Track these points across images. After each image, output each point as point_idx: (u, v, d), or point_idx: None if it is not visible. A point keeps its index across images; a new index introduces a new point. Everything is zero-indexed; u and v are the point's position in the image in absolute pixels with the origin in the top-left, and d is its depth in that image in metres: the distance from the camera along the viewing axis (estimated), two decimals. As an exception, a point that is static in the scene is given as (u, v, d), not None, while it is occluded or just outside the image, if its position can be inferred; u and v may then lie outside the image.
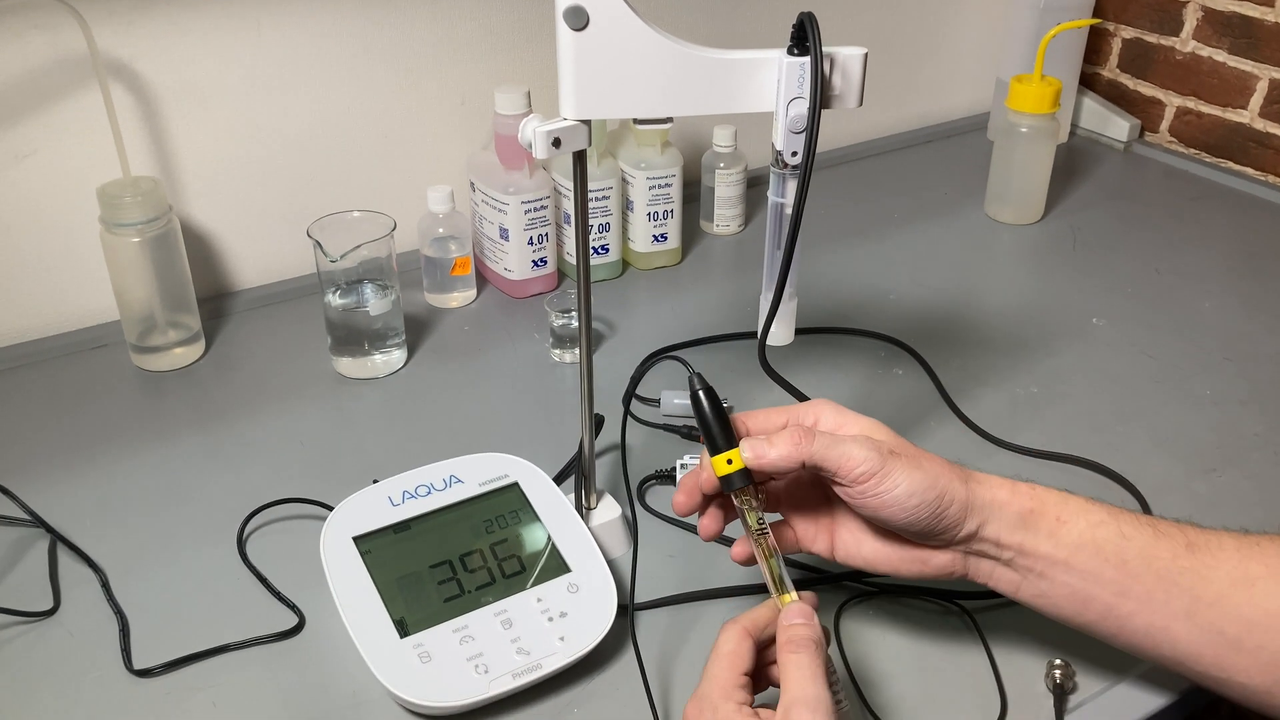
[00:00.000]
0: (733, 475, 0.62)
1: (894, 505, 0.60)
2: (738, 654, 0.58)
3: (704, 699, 0.57)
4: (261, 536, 0.81)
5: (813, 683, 0.55)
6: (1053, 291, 1.14)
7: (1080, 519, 0.62)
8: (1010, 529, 0.61)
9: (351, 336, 0.98)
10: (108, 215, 0.93)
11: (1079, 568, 0.61)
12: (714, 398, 0.63)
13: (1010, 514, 0.62)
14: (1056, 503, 0.62)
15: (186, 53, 1.02)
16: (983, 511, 0.61)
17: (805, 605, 0.60)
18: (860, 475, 0.60)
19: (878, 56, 1.16)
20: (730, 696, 0.56)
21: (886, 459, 0.60)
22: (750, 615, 0.60)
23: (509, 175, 1.07)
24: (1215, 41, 1.39)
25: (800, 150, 0.66)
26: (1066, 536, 0.61)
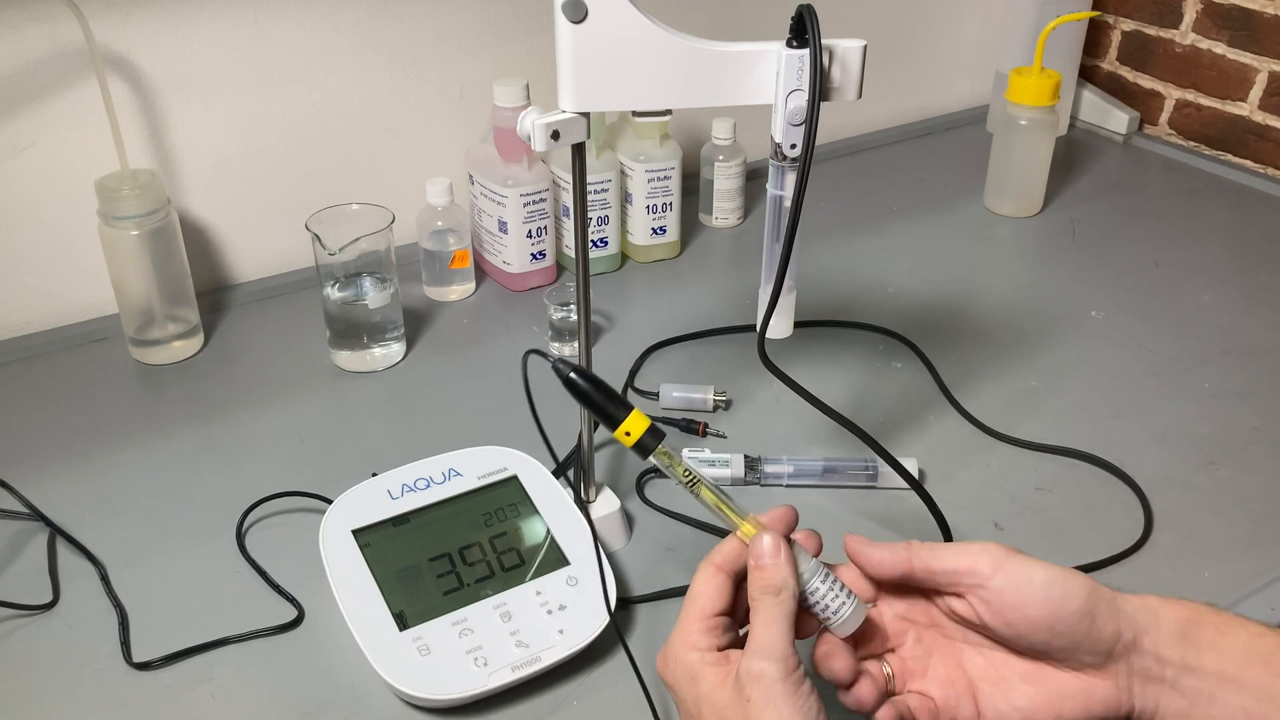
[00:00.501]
0: (644, 439, 0.59)
1: (1033, 602, 0.52)
2: (705, 595, 0.55)
3: (669, 650, 0.55)
4: (261, 530, 0.81)
5: (768, 628, 0.53)
6: (1051, 284, 1.14)
7: (1239, 630, 0.54)
8: (1171, 641, 0.53)
9: (350, 329, 0.98)
10: (106, 208, 0.93)
11: (1252, 686, 0.52)
12: (590, 376, 0.59)
13: (1168, 621, 0.53)
14: (1210, 611, 0.54)
15: (184, 45, 1.02)
16: (1137, 619, 0.53)
17: (774, 538, 0.56)
18: (983, 568, 0.53)
19: (877, 49, 1.16)
20: (695, 646, 0.54)
21: (1011, 553, 0.54)
22: (721, 549, 0.57)
23: (508, 168, 1.07)
24: (1215, 34, 1.39)
25: (799, 143, 0.66)
26: (1231, 649, 0.53)
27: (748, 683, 0.51)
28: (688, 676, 0.54)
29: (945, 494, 0.83)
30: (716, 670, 0.53)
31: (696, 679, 0.53)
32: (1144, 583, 0.77)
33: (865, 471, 0.85)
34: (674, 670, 0.55)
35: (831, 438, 0.89)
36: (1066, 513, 0.84)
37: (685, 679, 0.54)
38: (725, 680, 0.53)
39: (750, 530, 0.57)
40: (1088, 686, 0.54)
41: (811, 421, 0.90)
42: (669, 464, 0.60)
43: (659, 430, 0.60)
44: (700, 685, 0.53)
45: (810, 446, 0.89)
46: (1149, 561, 0.79)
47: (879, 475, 0.85)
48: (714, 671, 0.53)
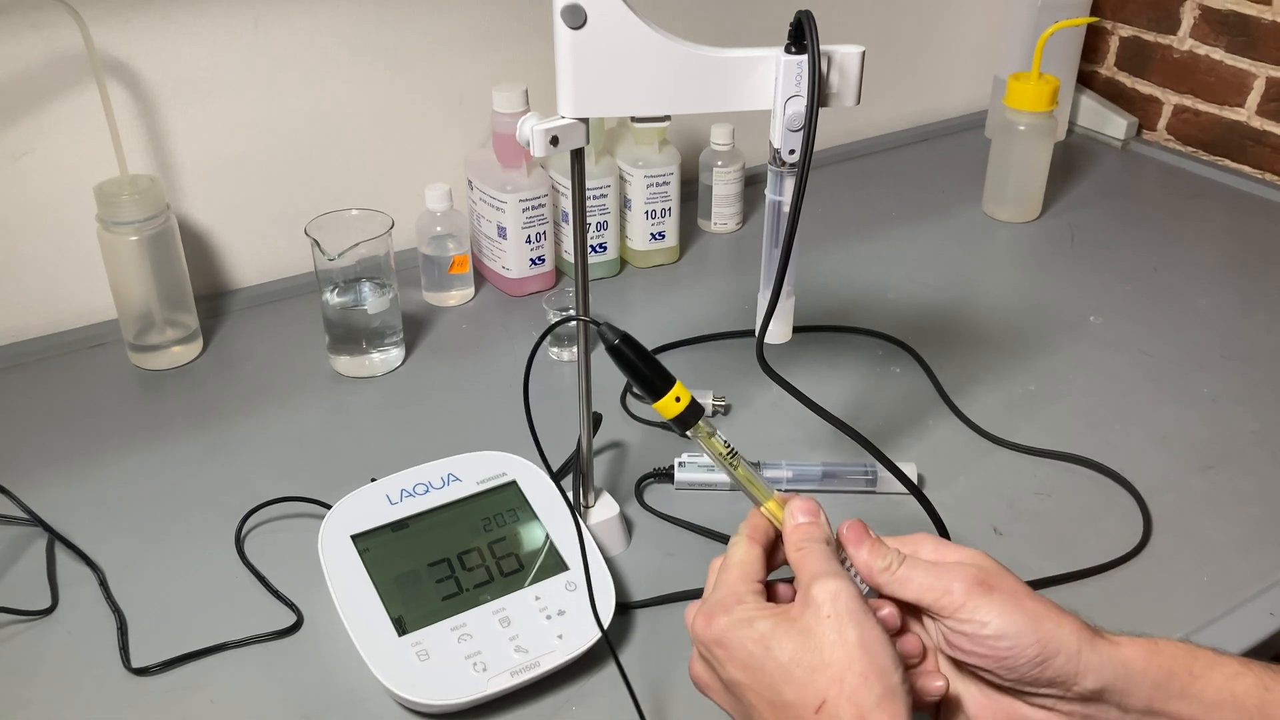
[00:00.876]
0: (685, 414, 0.59)
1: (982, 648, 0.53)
2: (747, 561, 0.56)
3: (716, 606, 0.54)
4: (260, 535, 0.81)
5: (829, 560, 0.53)
6: (1050, 289, 1.14)
7: (1215, 672, 0.53)
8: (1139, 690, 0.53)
9: (349, 335, 0.98)
10: (105, 213, 0.93)
11: None
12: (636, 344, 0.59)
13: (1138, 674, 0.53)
14: (1186, 655, 0.54)
15: (184, 51, 1.02)
16: (1104, 673, 0.52)
17: (810, 501, 0.57)
18: (947, 603, 0.53)
19: (875, 54, 1.16)
20: (743, 599, 0.53)
21: (973, 592, 0.53)
22: (750, 524, 0.58)
23: (507, 173, 1.07)
24: (1212, 40, 1.39)
25: (798, 148, 0.66)
26: (1203, 693, 0.53)
27: (825, 600, 0.51)
28: (740, 623, 0.52)
29: (944, 499, 0.83)
30: (773, 611, 0.52)
31: (753, 622, 0.52)
32: (1142, 587, 0.77)
33: (864, 476, 0.85)
34: (720, 622, 0.53)
35: (830, 443, 0.89)
36: (1065, 517, 0.84)
37: (736, 626, 0.52)
38: (785, 616, 0.52)
39: (776, 507, 0.59)
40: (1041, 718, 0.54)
41: (810, 426, 0.90)
42: (708, 438, 0.60)
43: (699, 406, 0.60)
44: (758, 626, 0.52)
45: (809, 451, 0.89)
46: (1148, 566, 0.79)
47: (878, 480, 0.85)
48: (770, 612, 0.52)
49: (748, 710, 0.53)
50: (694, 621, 0.54)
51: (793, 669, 0.50)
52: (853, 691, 0.48)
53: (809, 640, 0.50)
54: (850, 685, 0.48)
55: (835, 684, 0.49)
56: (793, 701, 0.50)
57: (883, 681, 0.49)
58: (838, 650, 0.49)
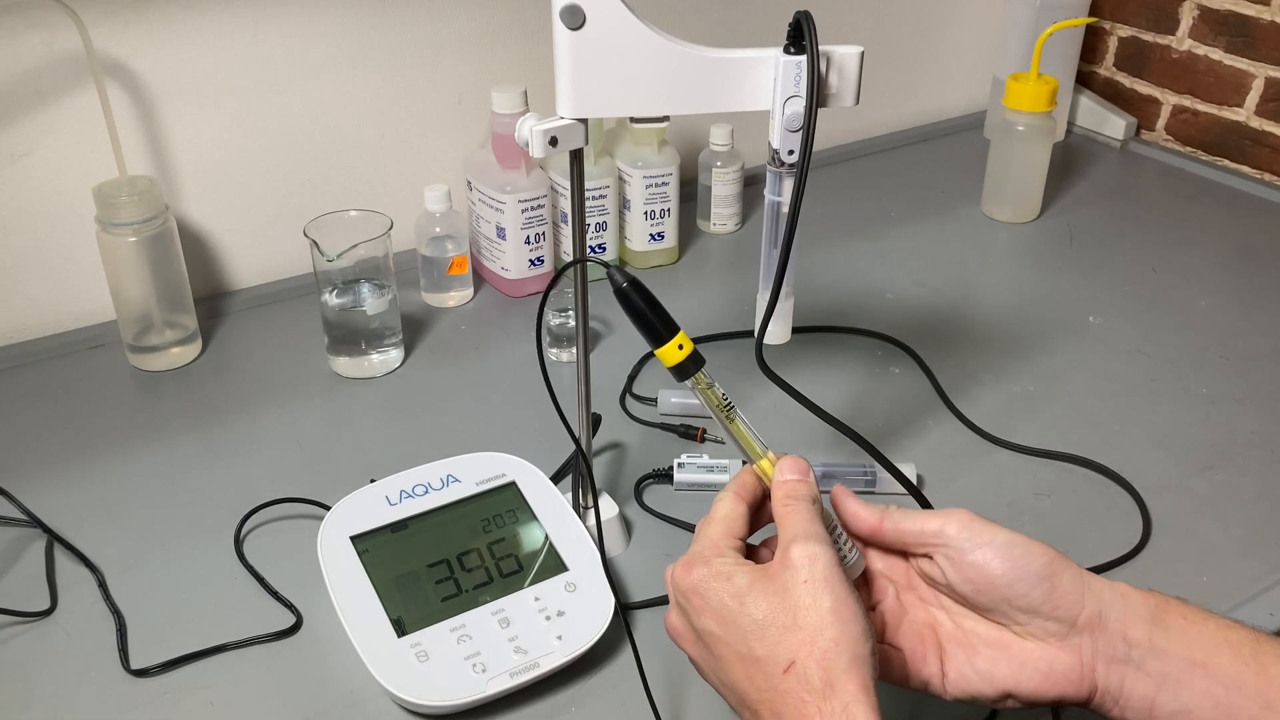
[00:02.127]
0: (686, 362, 0.59)
1: (994, 559, 0.54)
2: (731, 518, 0.56)
3: (696, 557, 0.55)
4: (259, 536, 0.81)
5: (811, 523, 0.54)
6: (1049, 290, 1.14)
7: (1208, 621, 0.54)
8: (1139, 623, 0.53)
9: (348, 336, 0.98)
10: (104, 215, 0.93)
11: (1220, 673, 0.52)
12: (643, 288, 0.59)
13: (1136, 604, 0.54)
14: (1179, 603, 0.55)
15: (183, 52, 1.02)
16: (1104, 596, 0.54)
17: (800, 460, 0.58)
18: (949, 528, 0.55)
19: (874, 55, 1.16)
20: (723, 553, 0.54)
21: (973, 518, 0.55)
22: (739, 480, 0.59)
23: (506, 174, 1.07)
24: (1211, 40, 1.39)
25: (797, 149, 0.66)
26: (1200, 636, 0.53)
27: (804, 564, 0.52)
28: (719, 575, 0.53)
29: (943, 499, 0.83)
30: (751, 568, 0.53)
31: (731, 576, 0.53)
32: (1142, 587, 0.77)
33: (863, 477, 0.85)
34: (698, 573, 0.54)
35: (829, 443, 0.89)
36: (1065, 518, 0.84)
37: (714, 578, 0.53)
38: (764, 574, 0.53)
39: (769, 465, 0.59)
40: (1049, 657, 0.54)
41: (809, 427, 0.89)
42: (706, 389, 0.60)
43: (700, 356, 0.60)
44: (735, 580, 0.53)
45: (808, 452, 0.88)
46: (1147, 566, 0.79)
47: (877, 480, 0.85)
48: (749, 569, 0.53)
49: (717, 662, 0.53)
50: (673, 571, 0.55)
51: (766, 627, 0.51)
52: (822, 655, 0.49)
53: (784, 600, 0.51)
54: (820, 649, 0.49)
55: (806, 646, 0.50)
56: (763, 658, 0.51)
57: (852, 649, 0.50)
58: (811, 614, 0.50)
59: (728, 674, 0.53)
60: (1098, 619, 0.53)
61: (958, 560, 0.55)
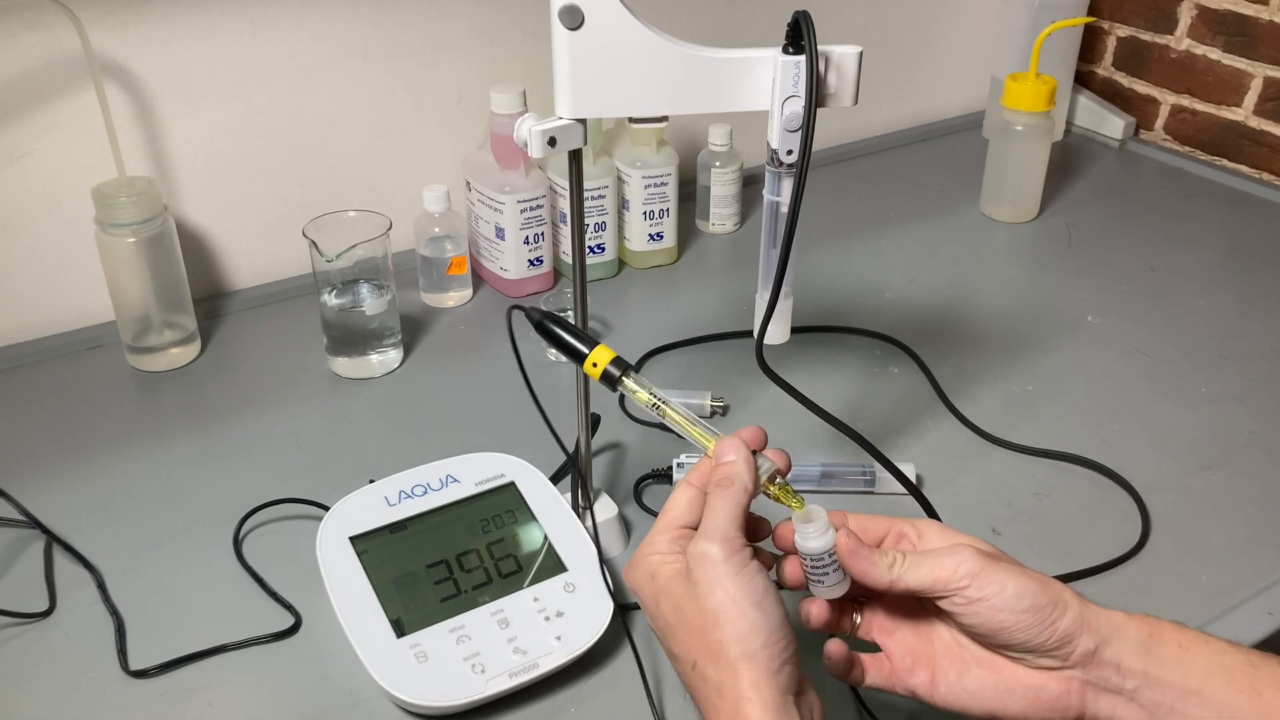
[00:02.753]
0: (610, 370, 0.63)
1: (1004, 609, 0.54)
2: (676, 507, 0.58)
3: (635, 556, 0.58)
4: (258, 537, 0.81)
5: (715, 514, 0.55)
6: (1048, 289, 1.14)
7: (1204, 646, 0.54)
8: (1133, 653, 0.54)
9: (348, 336, 0.98)
10: (103, 215, 0.93)
11: (1214, 700, 0.53)
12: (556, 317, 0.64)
13: (1131, 635, 0.54)
14: (1174, 629, 0.55)
15: (182, 52, 1.02)
16: (1100, 630, 0.54)
17: (732, 440, 0.59)
18: (961, 578, 0.55)
19: (873, 55, 1.16)
20: (657, 550, 0.57)
21: (986, 562, 0.55)
22: (696, 469, 0.60)
23: (505, 174, 1.07)
24: (1209, 40, 1.39)
25: (796, 149, 0.66)
26: (1194, 664, 0.54)
27: (695, 565, 0.54)
28: (648, 575, 0.56)
29: (942, 499, 0.83)
30: (673, 565, 0.56)
31: (655, 574, 0.56)
32: (1141, 587, 0.77)
33: (863, 477, 0.85)
34: (636, 573, 0.57)
35: (829, 443, 0.89)
36: (1064, 517, 0.84)
37: (645, 578, 0.56)
38: (679, 572, 0.55)
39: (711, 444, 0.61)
40: (1038, 684, 0.55)
41: (809, 427, 0.90)
42: (633, 392, 0.63)
43: (624, 362, 0.63)
44: (658, 580, 0.56)
45: (808, 452, 0.89)
46: (1146, 566, 0.79)
47: (876, 480, 0.85)
48: (671, 567, 0.56)
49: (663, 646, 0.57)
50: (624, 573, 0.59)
51: (675, 627, 0.54)
52: (713, 655, 0.52)
53: (685, 602, 0.54)
54: (710, 650, 0.52)
55: (700, 647, 0.52)
56: (678, 655, 0.55)
57: (740, 646, 0.51)
58: (697, 618, 0.53)
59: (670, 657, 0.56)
60: (1092, 652, 0.54)
61: (964, 608, 0.55)
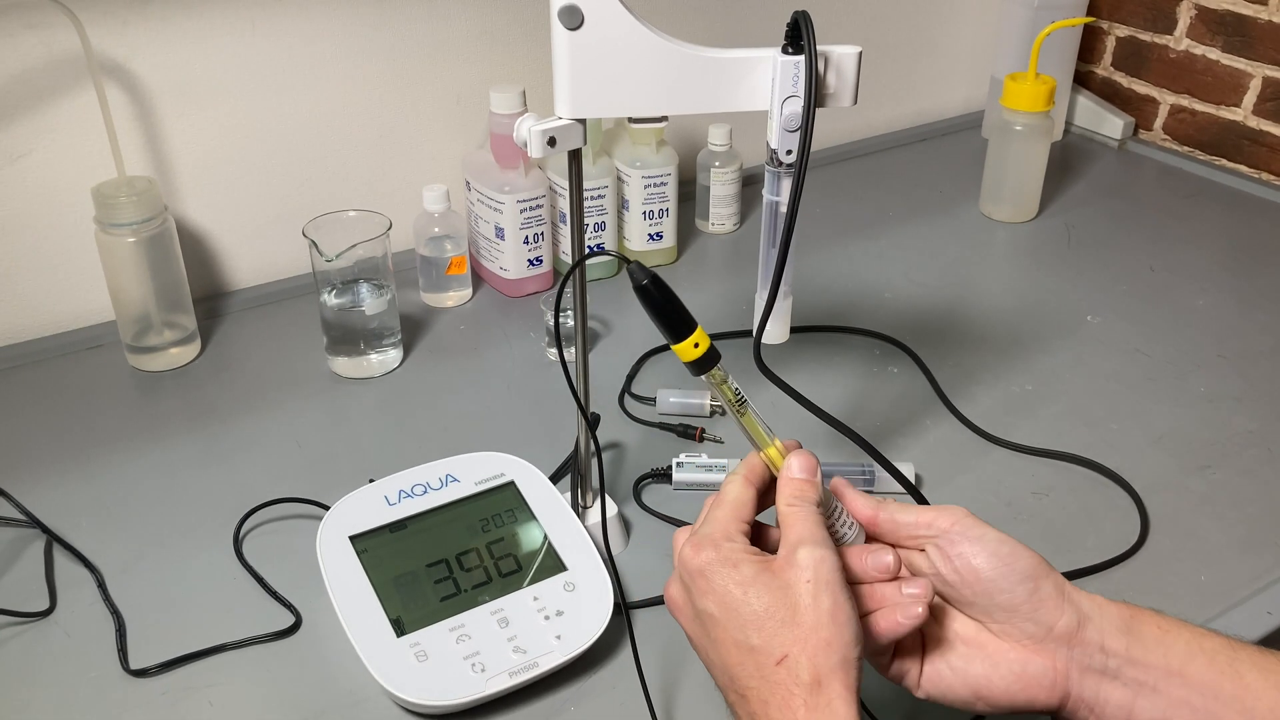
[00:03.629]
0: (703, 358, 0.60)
1: (982, 554, 0.55)
2: (741, 502, 0.58)
3: (705, 539, 0.56)
4: (258, 536, 0.81)
5: (818, 527, 0.55)
6: (1047, 289, 1.14)
7: (1182, 630, 0.55)
8: (1116, 633, 0.55)
9: (347, 336, 0.98)
10: (103, 215, 0.93)
11: (1196, 681, 0.54)
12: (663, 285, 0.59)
13: (1112, 615, 0.55)
14: (1152, 613, 0.56)
15: (181, 53, 1.02)
16: (1082, 607, 0.55)
17: (808, 458, 0.59)
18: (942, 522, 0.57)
19: (872, 55, 1.16)
20: (732, 538, 0.56)
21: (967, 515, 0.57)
22: (749, 466, 0.60)
23: (504, 174, 1.07)
24: (1209, 40, 1.39)
25: (795, 149, 0.66)
26: (1175, 645, 0.55)
27: (809, 565, 0.53)
28: (726, 561, 0.54)
29: (942, 499, 0.83)
30: (756, 560, 0.54)
31: (739, 564, 0.54)
32: (1140, 587, 0.77)
33: (862, 476, 0.85)
34: (706, 555, 0.55)
35: (828, 443, 0.89)
36: (1063, 517, 0.84)
37: (722, 563, 0.54)
38: (768, 567, 0.54)
39: (777, 455, 0.60)
40: (1023, 659, 0.56)
41: (808, 426, 0.89)
42: (720, 384, 0.60)
43: (716, 351, 0.60)
44: (742, 570, 0.54)
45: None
46: (1145, 565, 0.79)
47: (875, 480, 0.85)
48: (755, 560, 0.54)
49: (712, 643, 0.55)
50: (682, 548, 0.56)
51: (765, 619, 0.52)
52: (814, 653, 0.51)
53: (786, 596, 0.53)
54: (813, 647, 0.51)
55: (800, 643, 0.51)
56: (758, 647, 0.52)
57: (842, 652, 0.51)
58: (810, 614, 0.52)
59: (721, 656, 0.54)
60: (1075, 629, 0.55)
61: (947, 552, 0.56)
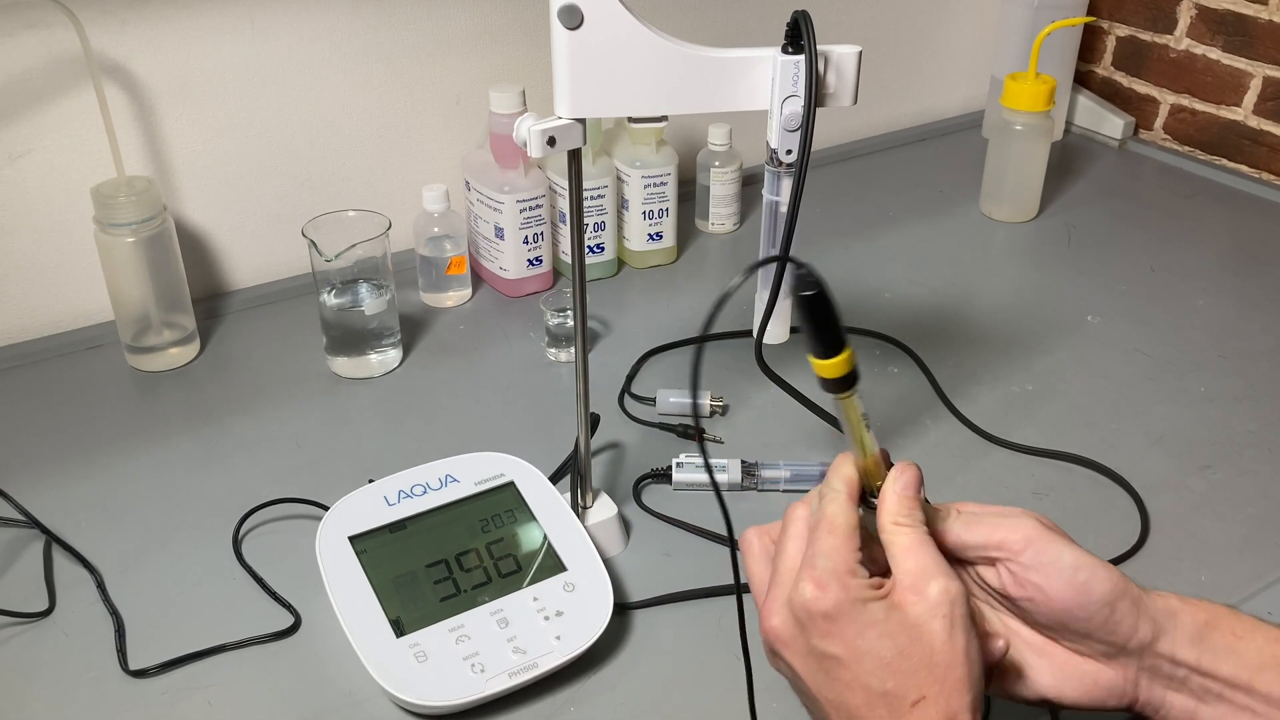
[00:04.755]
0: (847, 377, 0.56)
1: (1058, 584, 0.53)
2: (853, 527, 0.53)
3: (829, 576, 0.51)
4: (257, 536, 0.81)
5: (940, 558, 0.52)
6: (1048, 289, 1.14)
7: (1256, 634, 0.54)
8: (1188, 643, 0.54)
9: (347, 336, 0.98)
10: (102, 215, 0.93)
11: (1263, 692, 0.53)
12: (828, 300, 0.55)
13: (1186, 624, 0.54)
14: (1230, 614, 0.55)
15: (181, 52, 1.02)
16: (1158, 619, 0.54)
17: (915, 472, 0.56)
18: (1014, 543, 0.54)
19: (872, 54, 1.16)
20: (856, 572, 0.52)
21: (1042, 529, 0.54)
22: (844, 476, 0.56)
23: (504, 174, 1.07)
24: (1209, 39, 1.39)
25: (795, 148, 0.66)
26: (1246, 654, 0.53)
27: (944, 601, 0.51)
28: (856, 602, 0.51)
29: (942, 499, 0.82)
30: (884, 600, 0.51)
31: (867, 604, 0.51)
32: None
33: (862, 476, 0.85)
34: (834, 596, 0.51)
35: (829, 443, 0.89)
36: (1063, 517, 0.82)
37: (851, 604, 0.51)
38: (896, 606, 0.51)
39: (874, 464, 0.57)
40: (1094, 671, 0.55)
41: (808, 426, 0.90)
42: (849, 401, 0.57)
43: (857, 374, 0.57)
44: (872, 611, 0.51)
45: (807, 451, 0.89)
46: (1146, 566, 0.79)
47: (876, 480, 0.85)
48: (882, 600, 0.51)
49: (832, 683, 0.52)
50: (803, 586, 0.52)
51: (900, 662, 0.50)
52: (950, 694, 0.49)
53: (920, 637, 0.50)
54: (949, 687, 0.49)
55: (937, 684, 0.49)
56: (893, 691, 0.50)
57: (973, 690, 0.50)
58: (945, 653, 0.50)
59: (842, 697, 0.51)
60: (1149, 642, 0.54)
61: (1019, 577, 0.54)
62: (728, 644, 0.72)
